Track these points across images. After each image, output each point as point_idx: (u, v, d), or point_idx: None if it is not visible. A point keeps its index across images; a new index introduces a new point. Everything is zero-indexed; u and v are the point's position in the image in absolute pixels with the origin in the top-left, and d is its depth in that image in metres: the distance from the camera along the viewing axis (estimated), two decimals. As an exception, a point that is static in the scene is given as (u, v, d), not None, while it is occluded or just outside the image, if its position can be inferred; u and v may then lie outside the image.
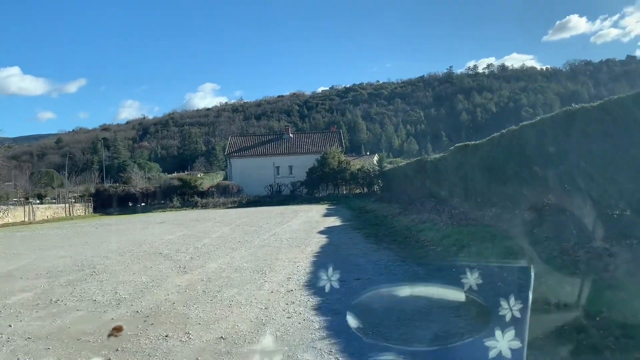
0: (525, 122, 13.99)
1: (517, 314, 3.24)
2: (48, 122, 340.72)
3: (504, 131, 14.62)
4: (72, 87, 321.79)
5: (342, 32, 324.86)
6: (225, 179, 52.65)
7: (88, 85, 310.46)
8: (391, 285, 7.76)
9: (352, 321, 5.52)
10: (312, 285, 7.98)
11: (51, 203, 43.53)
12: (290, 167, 49.27)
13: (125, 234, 20.24)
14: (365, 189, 45.31)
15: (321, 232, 16.75)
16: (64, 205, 41.87)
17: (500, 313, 3.31)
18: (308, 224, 20.34)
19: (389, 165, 43.61)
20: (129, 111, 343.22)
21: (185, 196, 43.66)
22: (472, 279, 3.86)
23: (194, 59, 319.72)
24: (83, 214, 42.47)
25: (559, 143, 10.73)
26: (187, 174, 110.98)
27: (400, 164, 34.22)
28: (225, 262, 10.97)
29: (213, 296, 7.57)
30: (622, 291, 5.59)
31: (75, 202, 43.94)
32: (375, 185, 45.01)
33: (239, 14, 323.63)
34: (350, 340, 5.15)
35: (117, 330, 5.97)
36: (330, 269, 4.76)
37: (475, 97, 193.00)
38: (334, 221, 21.51)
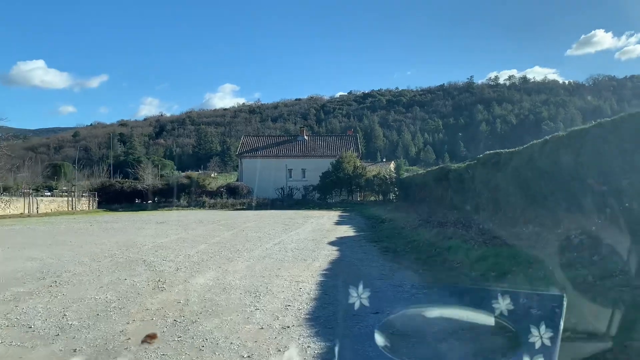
0: (575, 128, 11.96)
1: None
2: (68, 116, 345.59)
3: (547, 137, 12.67)
4: (94, 82, 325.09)
5: (363, 39, 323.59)
6: (238, 179, 51.02)
7: (109, 81, 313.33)
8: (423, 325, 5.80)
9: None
10: (316, 319, 6.08)
11: (60, 196, 42.36)
12: (304, 171, 47.44)
13: (117, 233, 18.52)
14: (381, 197, 43.32)
15: (332, 243, 14.82)
16: (68, 199, 40.51)
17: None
18: (318, 233, 18.44)
19: (406, 173, 41.58)
20: (148, 108, 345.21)
21: (194, 195, 42.03)
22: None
23: (215, 59, 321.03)
24: (87, 208, 41.10)
25: (626, 153, 8.76)
26: (200, 173, 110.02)
27: (419, 172, 32.26)
28: (214, 276, 9.11)
29: (184, 330, 5.70)
30: None
31: (81, 197, 42.64)
32: (391, 194, 43.01)
33: (262, 17, 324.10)
34: None
35: (152, 337, 5.49)
36: (341, 296, 3.00)
37: (495, 108, 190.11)
38: (347, 230, 19.58)
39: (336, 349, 4.74)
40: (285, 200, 41.82)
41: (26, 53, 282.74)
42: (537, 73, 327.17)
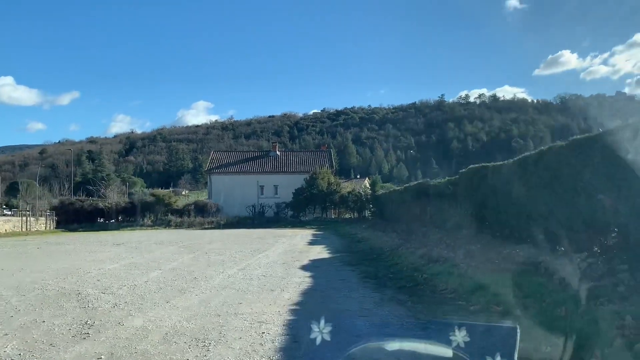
0: (577, 137, 10.64)
1: None
2: (37, 133, 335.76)
3: (543, 148, 11.35)
4: (65, 99, 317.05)
5: (337, 57, 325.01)
6: (208, 197, 48.91)
7: (81, 97, 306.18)
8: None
9: None
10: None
11: (20, 215, 39.71)
12: (276, 187, 45.71)
13: (64, 258, 16.49)
14: (356, 214, 41.84)
15: (304, 268, 13.16)
16: (23, 218, 37.84)
17: None
18: (289, 255, 16.76)
19: (382, 190, 40.26)
20: (120, 125, 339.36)
21: (160, 214, 39.85)
22: None
23: (188, 75, 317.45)
24: (45, 229, 38.48)
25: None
26: (171, 191, 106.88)
27: (395, 189, 30.94)
28: (157, 316, 7.35)
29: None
30: None
31: (39, 216, 40.05)
32: (366, 211, 41.56)
33: (234, 34, 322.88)
34: None
35: None
36: (315, 344, 2.27)
37: (466, 126, 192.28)
38: (321, 251, 17.93)
39: None
40: (257, 219, 39.98)
41: None
42: (507, 92, 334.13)
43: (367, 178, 74.14)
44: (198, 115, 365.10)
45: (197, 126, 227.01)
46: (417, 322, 6.97)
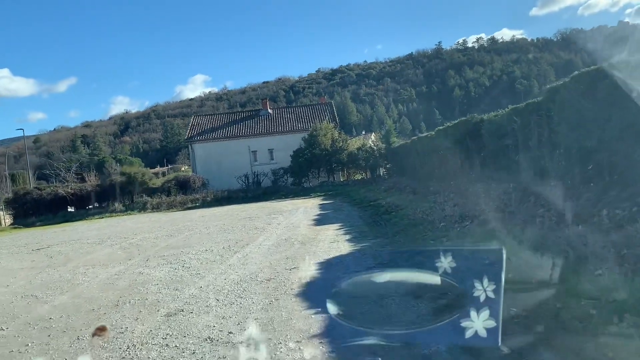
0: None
1: None
2: (38, 123, 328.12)
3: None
4: (62, 87, 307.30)
5: (329, 14, 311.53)
6: (192, 170, 42.00)
7: (78, 83, 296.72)
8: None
9: None
10: None
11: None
12: (271, 151, 38.71)
13: None
14: (368, 174, 35.00)
15: (311, 289, 6.53)
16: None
17: None
18: (285, 251, 10.06)
19: (398, 141, 33.31)
20: (119, 107, 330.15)
21: (133, 195, 33.16)
22: None
23: (183, 50, 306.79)
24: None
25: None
26: (169, 168, 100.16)
27: (421, 135, 23.95)
28: None
29: None
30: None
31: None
32: (381, 169, 34.74)
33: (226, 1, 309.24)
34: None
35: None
36: None
37: (467, 72, 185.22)
38: (337, 239, 11.20)
39: None
40: (251, 191, 33.25)
41: None
42: (505, 35, 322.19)
43: (372, 133, 67.03)
44: (196, 89, 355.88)
45: (191, 99, 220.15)
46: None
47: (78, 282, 8.83)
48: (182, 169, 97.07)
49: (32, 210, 33.07)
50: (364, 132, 73.80)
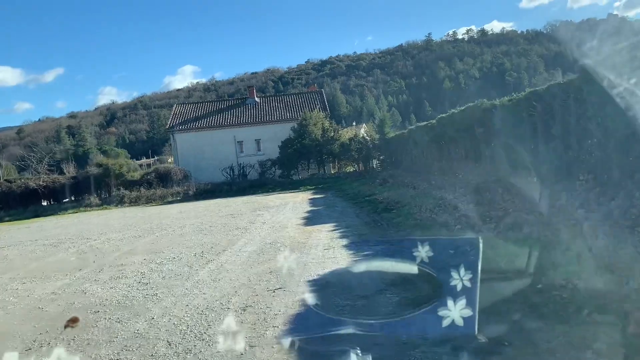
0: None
1: None
2: (24, 114, 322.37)
3: None
4: (49, 77, 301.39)
5: (322, 5, 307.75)
6: (174, 161, 39.83)
7: (65, 74, 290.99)
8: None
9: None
10: None
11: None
12: (258, 142, 36.64)
13: None
14: (361, 167, 33.12)
15: (302, 328, 4.63)
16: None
17: None
18: (271, 259, 8.19)
19: (391, 132, 31.44)
20: (107, 98, 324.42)
21: (110, 189, 31.02)
22: None
23: (172, 40, 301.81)
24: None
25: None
26: (155, 160, 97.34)
27: (420, 125, 22.02)
28: None
29: None
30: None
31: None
32: (374, 161, 32.89)
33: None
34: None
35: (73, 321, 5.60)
36: None
37: (456, 64, 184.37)
38: (331, 240, 9.37)
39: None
40: (236, 183, 31.25)
41: None
42: (495, 27, 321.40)
43: (363, 125, 65.11)
44: (185, 80, 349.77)
45: (179, 90, 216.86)
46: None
47: (0, 305, 6.87)
48: (169, 160, 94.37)
49: (1, 205, 30.82)
50: (354, 123, 71.75)
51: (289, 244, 9.60)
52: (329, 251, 8.44)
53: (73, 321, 5.69)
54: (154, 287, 7.01)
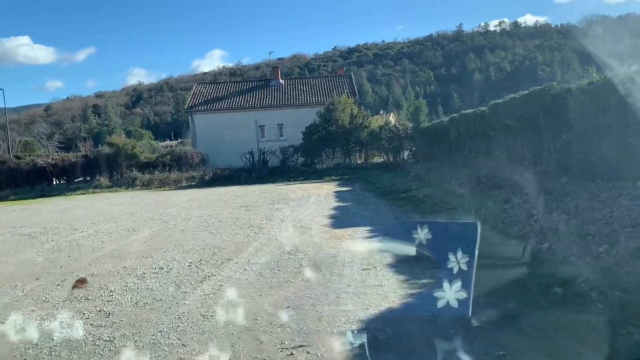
0: None
1: None
2: (56, 91, 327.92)
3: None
4: (81, 56, 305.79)
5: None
6: (192, 143, 37.75)
7: (97, 53, 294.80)
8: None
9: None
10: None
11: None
12: (280, 127, 34.30)
13: None
14: (390, 157, 30.55)
15: None
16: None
17: None
18: (288, 282, 5.86)
19: (426, 121, 28.77)
20: (135, 79, 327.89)
21: (122, 170, 29.11)
22: None
23: (201, 23, 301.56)
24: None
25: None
26: (178, 142, 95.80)
27: (464, 112, 19.35)
28: None
29: None
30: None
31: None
32: (405, 151, 30.31)
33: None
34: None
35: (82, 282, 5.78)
36: None
37: (487, 56, 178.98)
38: (370, 253, 7.05)
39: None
40: (256, 170, 29.04)
41: (11, 29, 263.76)
42: (529, 20, 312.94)
43: (391, 113, 62.26)
44: (212, 64, 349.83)
45: (205, 73, 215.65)
46: None
47: None
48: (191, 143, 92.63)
49: (9, 182, 29.19)
50: (382, 112, 68.90)
51: (313, 256, 7.27)
52: (369, 273, 6.08)
53: (81, 282, 5.98)
54: (114, 324, 4.75)
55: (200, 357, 3.86)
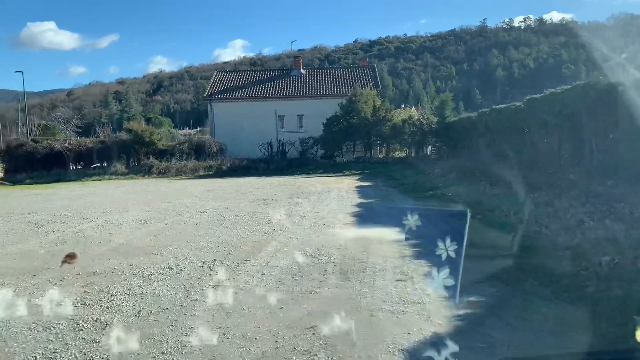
0: None
1: None
2: (78, 77, 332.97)
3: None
4: (105, 42, 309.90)
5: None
6: (210, 132, 37.20)
7: (120, 40, 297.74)
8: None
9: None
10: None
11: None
12: (300, 118, 33.55)
13: None
14: (412, 152, 29.62)
15: None
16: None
17: None
18: (312, 294, 5.10)
19: (452, 116, 27.75)
20: (157, 67, 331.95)
21: (139, 157, 28.65)
22: None
23: (224, 14, 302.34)
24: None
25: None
26: (197, 131, 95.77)
27: (496, 107, 18.34)
28: None
29: None
30: None
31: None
32: (429, 146, 29.36)
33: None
34: None
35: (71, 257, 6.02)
36: None
37: (511, 53, 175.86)
38: (402, 259, 6.31)
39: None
40: (274, 161, 28.39)
41: (37, 14, 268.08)
42: (555, 17, 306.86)
43: (413, 107, 61.07)
44: (234, 54, 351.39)
45: (225, 62, 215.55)
46: None
47: None
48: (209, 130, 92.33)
49: (25, 166, 28.90)
50: (403, 105, 67.76)
51: (339, 261, 6.51)
52: (405, 285, 5.31)
53: (71, 257, 6.30)
54: (109, 340, 4.04)
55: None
